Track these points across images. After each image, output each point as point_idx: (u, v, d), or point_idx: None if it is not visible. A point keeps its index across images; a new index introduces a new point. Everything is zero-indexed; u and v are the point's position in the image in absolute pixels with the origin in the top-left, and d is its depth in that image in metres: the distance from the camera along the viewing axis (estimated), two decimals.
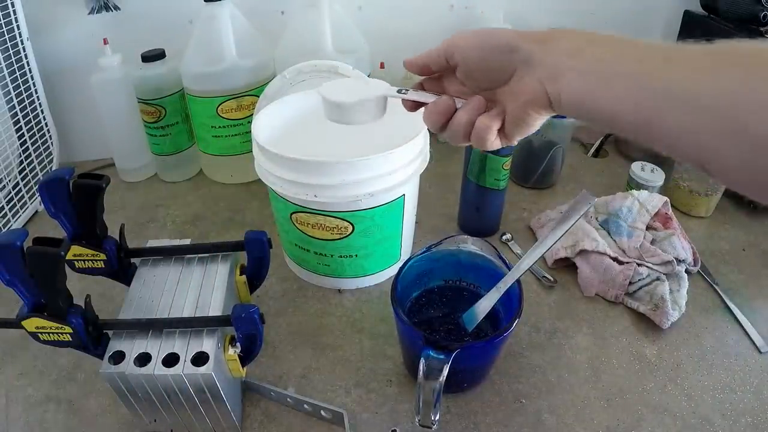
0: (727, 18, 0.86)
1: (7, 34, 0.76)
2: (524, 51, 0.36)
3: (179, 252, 0.56)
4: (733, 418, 0.51)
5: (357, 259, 0.63)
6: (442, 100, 0.40)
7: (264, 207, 0.82)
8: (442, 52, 0.40)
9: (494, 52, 0.38)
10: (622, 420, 0.51)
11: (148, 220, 0.81)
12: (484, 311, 0.50)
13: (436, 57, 0.41)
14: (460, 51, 0.39)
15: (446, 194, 0.83)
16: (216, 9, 0.76)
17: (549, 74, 0.35)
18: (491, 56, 0.38)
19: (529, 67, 0.36)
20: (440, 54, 0.40)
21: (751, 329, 0.60)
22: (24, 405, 0.54)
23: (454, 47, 0.39)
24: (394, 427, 0.50)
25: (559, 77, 0.34)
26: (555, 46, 0.35)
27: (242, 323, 0.45)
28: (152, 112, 0.83)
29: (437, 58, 0.41)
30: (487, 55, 0.38)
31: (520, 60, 0.36)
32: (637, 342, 0.59)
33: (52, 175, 0.47)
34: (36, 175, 0.84)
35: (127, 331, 0.47)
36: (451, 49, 0.39)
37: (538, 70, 0.35)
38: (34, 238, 0.42)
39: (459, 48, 0.39)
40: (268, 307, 0.65)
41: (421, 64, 0.42)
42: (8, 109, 0.78)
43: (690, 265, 0.66)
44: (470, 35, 0.39)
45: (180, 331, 0.47)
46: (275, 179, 0.58)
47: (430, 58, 0.41)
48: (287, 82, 0.73)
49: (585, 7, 0.95)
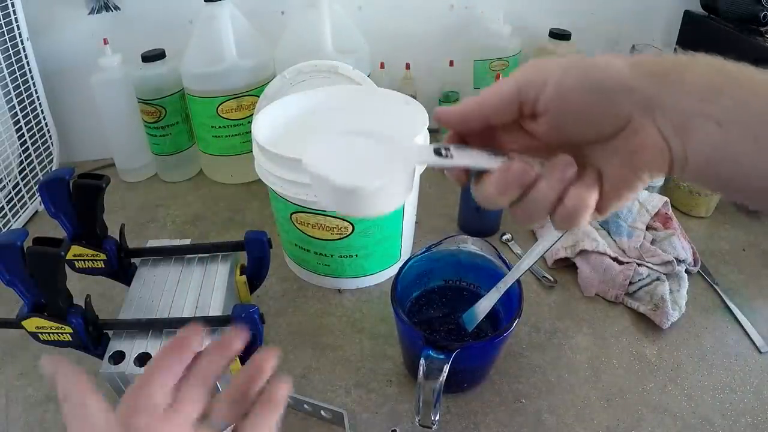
0: (727, 18, 0.86)
1: (7, 34, 0.76)
2: (642, 91, 0.26)
3: (179, 252, 0.56)
4: (733, 418, 0.51)
5: (357, 259, 0.63)
6: (516, 166, 0.27)
7: (264, 207, 0.82)
8: (515, 94, 0.28)
9: (602, 93, 0.26)
10: (622, 420, 0.51)
11: (148, 220, 0.81)
12: (484, 311, 0.50)
13: (503, 104, 0.29)
14: (548, 93, 0.27)
15: (446, 194, 0.83)
16: (216, 9, 0.76)
17: (674, 124, 0.25)
18: (598, 100, 0.26)
19: (648, 114, 0.26)
20: (511, 98, 0.28)
21: (751, 329, 0.60)
22: (24, 405, 0.54)
23: (536, 87, 0.27)
24: (394, 427, 0.50)
25: (688, 129, 0.25)
26: (679, 82, 0.25)
27: (242, 323, 0.45)
28: (152, 112, 0.83)
29: (505, 105, 0.29)
30: (593, 99, 0.27)
31: (637, 104, 0.26)
32: (637, 342, 0.59)
33: (52, 175, 0.47)
34: (36, 175, 0.84)
35: (127, 331, 0.47)
36: (531, 89, 0.28)
37: (659, 119, 0.26)
38: (34, 238, 0.42)
39: (546, 88, 0.27)
40: (268, 307, 0.65)
41: (473, 117, 0.29)
42: (8, 109, 0.78)
43: (690, 265, 0.66)
44: (559, 68, 0.27)
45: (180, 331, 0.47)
46: (275, 179, 0.58)
47: (491, 107, 0.29)
48: (287, 82, 0.73)
49: (585, 7, 0.95)
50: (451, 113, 0.30)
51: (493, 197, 0.28)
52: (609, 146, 0.27)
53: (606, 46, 0.99)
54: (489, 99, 0.29)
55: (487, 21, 0.91)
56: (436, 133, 0.95)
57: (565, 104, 0.27)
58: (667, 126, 0.25)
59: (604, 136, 0.27)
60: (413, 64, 0.91)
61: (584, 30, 0.93)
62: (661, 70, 0.26)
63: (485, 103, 0.29)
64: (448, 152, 0.29)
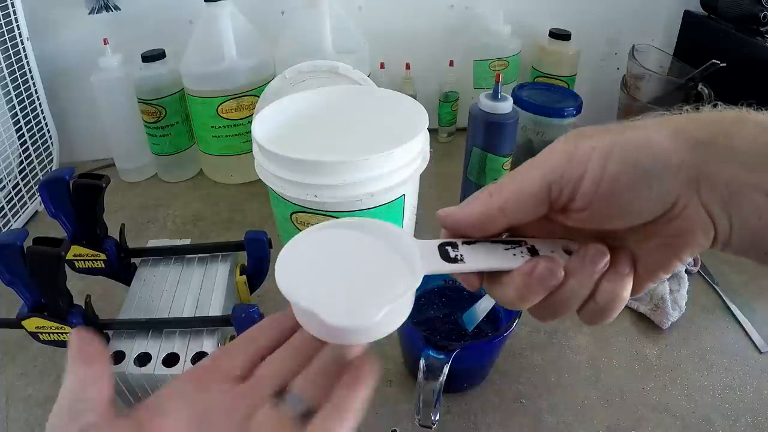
0: (727, 18, 0.86)
1: (7, 34, 0.76)
2: (688, 166, 0.22)
3: (179, 252, 0.56)
4: (733, 418, 0.51)
5: None
6: (541, 268, 0.24)
7: (264, 207, 0.82)
8: (545, 193, 0.24)
9: (647, 179, 0.23)
10: (622, 420, 0.51)
11: (148, 220, 0.81)
12: (485, 311, 0.50)
13: (530, 206, 0.24)
14: (586, 189, 0.23)
15: (446, 194, 0.83)
16: (216, 9, 0.76)
17: (723, 200, 0.22)
18: (643, 186, 0.23)
19: (693, 189, 0.23)
20: (540, 198, 0.24)
21: (751, 329, 0.60)
22: (24, 405, 0.54)
23: (571, 183, 0.23)
24: (394, 427, 0.50)
25: (735, 203, 0.22)
26: (727, 149, 0.22)
27: (242, 323, 0.45)
28: (152, 112, 0.83)
29: (532, 206, 0.24)
30: (637, 186, 0.23)
31: (683, 182, 0.22)
32: (637, 342, 0.59)
33: (52, 175, 0.47)
34: (36, 175, 0.84)
35: (127, 331, 0.47)
36: (566, 186, 0.23)
37: (705, 195, 0.22)
38: (34, 238, 0.42)
39: (583, 183, 0.23)
40: (268, 307, 0.64)
41: (494, 225, 0.25)
42: (8, 110, 0.78)
43: (690, 265, 0.66)
44: (595, 156, 0.23)
45: (180, 331, 0.47)
46: (275, 179, 0.58)
47: (516, 210, 0.24)
48: (287, 82, 0.73)
49: (585, 8, 0.95)
50: (462, 220, 0.25)
51: (514, 302, 0.25)
52: (647, 229, 0.24)
53: (606, 46, 0.99)
54: (512, 202, 0.24)
55: (487, 21, 0.91)
56: (435, 133, 0.96)
57: (607, 198, 0.23)
58: (714, 202, 0.22)
59: (644, 220, 0.24)
60: (413, 64, 0.91)
61: (584, 30, 0.94)
62: (706, 137, 0.22)
63: (508, 207, 0.24)
64: (457, 252, 0.24)
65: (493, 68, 0.91)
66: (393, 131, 0.58)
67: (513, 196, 0.24)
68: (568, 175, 0.23)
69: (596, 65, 1.01)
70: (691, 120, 0.23)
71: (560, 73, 0.93)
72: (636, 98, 0.87)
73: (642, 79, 0.86)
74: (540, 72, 0.94)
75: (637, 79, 0.87)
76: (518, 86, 0.87)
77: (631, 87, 0.88)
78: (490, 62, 0.91)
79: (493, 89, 0.63)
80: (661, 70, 0.88)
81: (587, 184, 0.23)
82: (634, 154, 0.23)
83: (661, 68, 0.89)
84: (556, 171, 0.24)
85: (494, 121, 0.64)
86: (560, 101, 0.82)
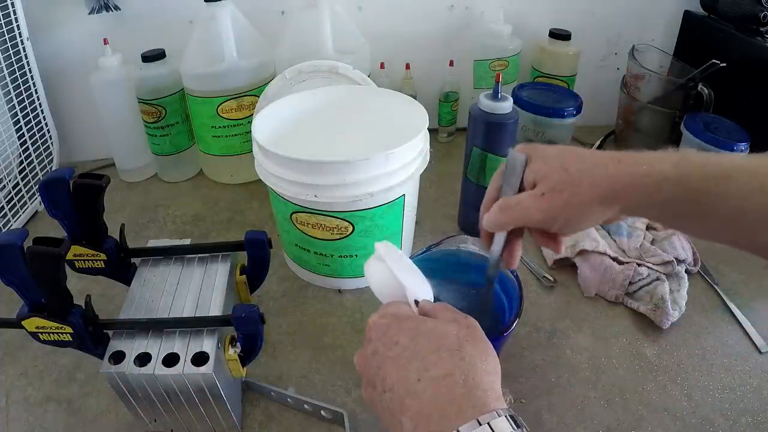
0: (727, 18, 0.86)
1: (7, 34, 0.76)
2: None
3: (179, 252, 0.56)
4: (733, 418, 0.51)
5: (357, 259, 0.63)
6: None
7: (264, 207, 0.82)
8: (539, 224, 0.40)
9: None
10: (622, 420, 0.51)
11: (148, 220, 0.81)
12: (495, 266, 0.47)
13: (526, 225, 0.41)
14: (571, 230, 0.40)
15: (446, 194, 0.83)
16: (216, 9, 0.76)
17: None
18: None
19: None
20: (535, 225, 0.40)
21: (751, 329, 0.60)
22: (24, 405, 0.54)
23: (558, 225, 0.39)
24: None
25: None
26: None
27: (242, 323, 0.45)
28: (152, 112, 0.83)
29: (528, 226, 0.41)
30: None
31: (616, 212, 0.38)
32: (637, 342, 0.59)
33: (52, 175, 0.47)
34: (36, 175, 0.84)
35: (127, 331, 0.47)
36: (555, 226, 0.39)
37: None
38: (34, 238, 0.42)
39: (569, 225, 0.39)
40: (268, 307, 0.65)
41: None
42: (8, 109, 0.78)
43: (690, 265, 0.66)
44: (578, 206, 0.38)
45: (180, 331, 0.47)
46: (275, 179, 0.58)
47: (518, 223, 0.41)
48: (287, 82, 0.73)
49: (585, 7, 0.95)
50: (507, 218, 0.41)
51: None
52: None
53: (606, 46, 0.99)
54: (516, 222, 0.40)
55: (487, 21, 0.91)
56: (435, 133, 0.96)
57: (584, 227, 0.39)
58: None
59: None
60: (413, 64, 0.91)
61: (584, 30, 0.94)
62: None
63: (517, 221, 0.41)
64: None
65: (493, 68, 0.91)
66: (393, 131, 0.58)
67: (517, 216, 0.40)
68: (572, 217, 0.38)
69: (596, 65, 1.01)
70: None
71: (560, 73, 0.93)
72: (636, 98, 0.87)
73: (642, 79, 0.86)
74: (540, 72, 0.94)
75: (637, 79, 0.87)
76: (518, 86, 0.87)
77: (631, 87, 0.88)
78: (490, 62, 0.91)
79: (493, 89, 0.63)
80: (661, 70, 0.88)
81: (572, 226, 0.39)
82: (584, 190, 0.37)
83: (661, 68, 0.89)
84: (547, 215, 0.39)
85: (494, 121, 0.64)
86: (560, 101, 0.82)
